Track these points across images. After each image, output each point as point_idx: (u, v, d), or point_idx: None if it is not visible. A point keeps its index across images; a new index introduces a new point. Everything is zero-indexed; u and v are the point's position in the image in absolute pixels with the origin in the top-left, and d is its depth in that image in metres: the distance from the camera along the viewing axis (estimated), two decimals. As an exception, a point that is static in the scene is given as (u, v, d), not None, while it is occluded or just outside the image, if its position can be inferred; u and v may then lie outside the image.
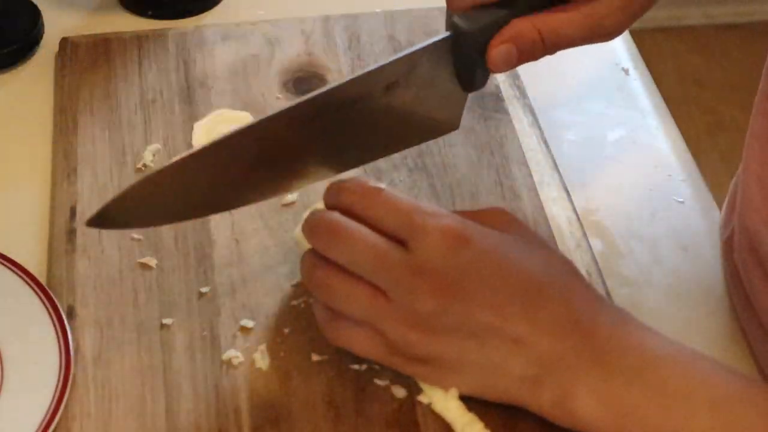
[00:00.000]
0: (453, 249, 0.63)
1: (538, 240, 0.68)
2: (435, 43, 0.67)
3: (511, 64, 0.69)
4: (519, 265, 0.64)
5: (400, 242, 0.64)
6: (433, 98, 0.70)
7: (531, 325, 0.63)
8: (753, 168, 0.73)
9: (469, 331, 0.63)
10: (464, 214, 0.67)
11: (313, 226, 0.66)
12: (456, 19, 0.68)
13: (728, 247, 0.78)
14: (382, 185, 0.67)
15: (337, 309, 0.66)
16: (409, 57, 0.67)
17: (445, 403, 0.66)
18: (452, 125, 0.73)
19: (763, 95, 0.73)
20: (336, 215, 0.66)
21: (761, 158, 0.72)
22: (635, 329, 0.64)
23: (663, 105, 0.91)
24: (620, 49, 0.95)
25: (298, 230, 0.72)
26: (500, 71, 0.69)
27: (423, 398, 0.67)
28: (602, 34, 0.69)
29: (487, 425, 0.66)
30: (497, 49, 0.68)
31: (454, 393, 0.66)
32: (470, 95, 0.72)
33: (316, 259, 0.66)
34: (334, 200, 0.67)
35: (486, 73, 0.70)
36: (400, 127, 0.72)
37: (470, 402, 0.66)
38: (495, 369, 0.64)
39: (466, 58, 0.68)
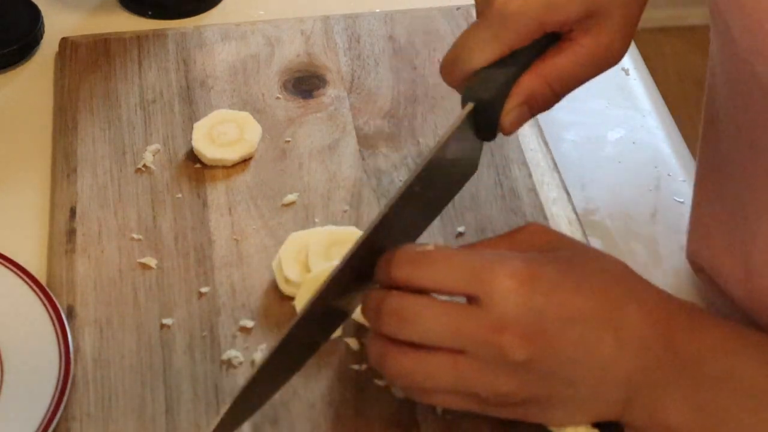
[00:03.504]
0: (526, 293, 0.60)
1: (582, 247, 0.67)
2: (459, 126, 0.65)
3: (523, 123, 0.67)
4: (588, 285, 0.62)
5: (469, 297, 0.62)
6: (459, 162, 0.69)
7: (617, 347, 0.61)
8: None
9: (559, 370, 0.61)
10: (502, 239, 0.66)
11: (375, 314, 0.63)
12: (472, 89, 0.66)
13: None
14: (430, 246, 0.63)
15: (421, 389, 0.63)
16: (440, 150, 0.64)
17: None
18: (473, 170, 0.72)
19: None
20: (394, 297, 0.62)
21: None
22: (711, 328, 0.63)
23: (663, 105, 0.91)
24: (620, 49, 0.95)
25: (358, 313, 0.69)
26: (512, 133, 0.68)
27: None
28: (610, 63, 0.68)
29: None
30: (510, 115, 0.66)
31: None
32: None
33: (384, 345, 0.62)
34: (386, 277, 0.63)
35: (496, 127, 0.68)
36: (438, 197, 0.70)
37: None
38: (586, 400, 0.62)
39: (487, 122, 0.67)
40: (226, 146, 0.82)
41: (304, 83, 0.88)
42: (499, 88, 0.66)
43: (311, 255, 0.73)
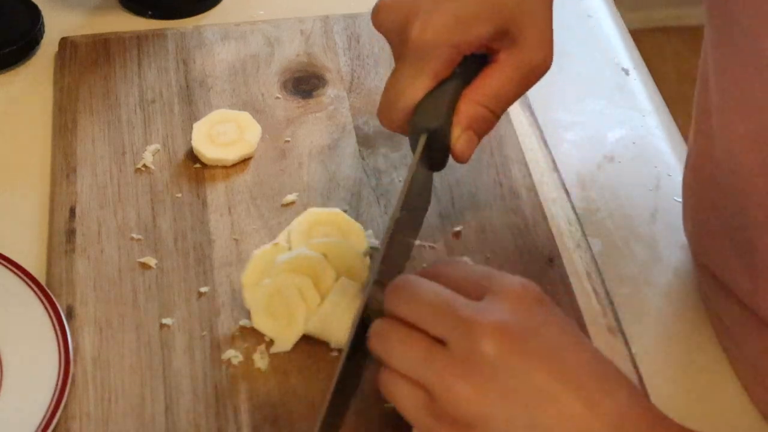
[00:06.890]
0: (528, 306, 0.59)
1: (557, 325, 0.62)
2: (419, 160, 0.67)
3: (474, 148, 0.69)
4: (584, 342, 0.60)
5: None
6: (420, 193, 0.71)
7: (590, 409, 0.57)
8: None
9: (523, 395, 0.57)
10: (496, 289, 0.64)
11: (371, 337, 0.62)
12: (418, 122, 0.68)
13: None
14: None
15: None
16: (412, 177, 0.67)
17: None
18: (428, 203, 0.73)
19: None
20: (380, 323, 0.61)
21: None
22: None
23: (663, 105, 0.91)
24: (620, 49, 0.95)
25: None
26: (467, 159, 0.69)
27: None
28: (538, 73, 0.69)
29: None
30: (461, 141, 0.68)
31: None
32: None
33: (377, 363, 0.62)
34: (394, 309, 0.62)
35: (448, 155, 0.70)
36: (416, 223, 0.72)
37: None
38: None
39: (439, 150, 0.69)
40: (226, 146, 0.82)
41: (304, 83, 0.89)
42: (443, 116, 0.68)
43: (293, 234, 0.75)
